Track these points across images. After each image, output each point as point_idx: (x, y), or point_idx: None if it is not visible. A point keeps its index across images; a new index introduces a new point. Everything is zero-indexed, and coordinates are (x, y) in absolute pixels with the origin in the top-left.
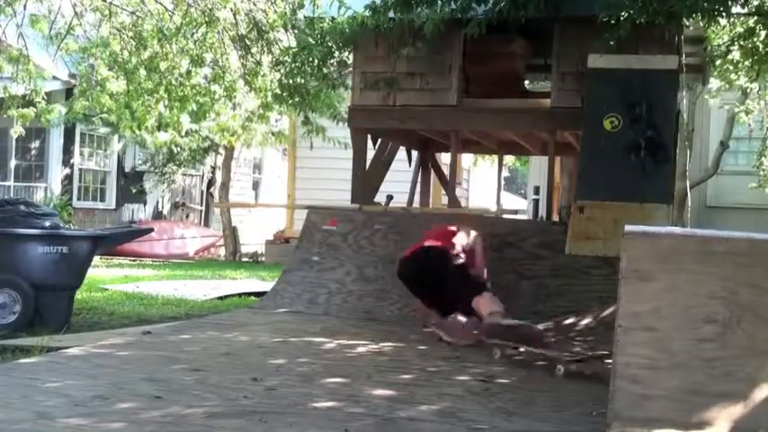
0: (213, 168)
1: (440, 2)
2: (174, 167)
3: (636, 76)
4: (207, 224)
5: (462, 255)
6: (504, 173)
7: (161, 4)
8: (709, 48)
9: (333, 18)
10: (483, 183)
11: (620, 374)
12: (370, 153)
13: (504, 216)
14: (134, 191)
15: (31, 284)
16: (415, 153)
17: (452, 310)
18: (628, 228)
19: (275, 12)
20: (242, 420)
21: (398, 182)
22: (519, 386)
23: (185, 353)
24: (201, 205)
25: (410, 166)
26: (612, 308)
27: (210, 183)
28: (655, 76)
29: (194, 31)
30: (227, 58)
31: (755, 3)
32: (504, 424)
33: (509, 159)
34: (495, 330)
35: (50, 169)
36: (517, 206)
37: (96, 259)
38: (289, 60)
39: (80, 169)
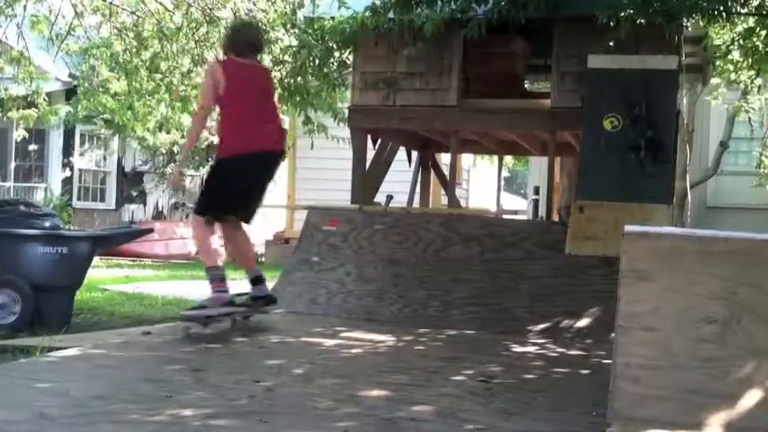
0: None
1: (440, 2)
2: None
3: (636, 76)
4: None
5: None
6: (504, 173)
7: (161, 4)
8: (709, 48)
9: (333, 18)
10: (483, 183)
11: (620, 374)
12: (370, 153)
13: (504, 216)
14: (134, 194)
15: (30, 285)
16: (414, 153)
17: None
18: (627, 228)
19: (275, 11)
20: (241, 421)
21: (398, 182)
22: (519, 386)
23: (185, 353)
24: None
25: (410, 166)
26: (612, 308)
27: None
28: (655, 76)
29: (195, 30)
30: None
31: (755, 3)
32: (504, 424)
33: (509, 160)
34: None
35: (50, 170)
36: (517, 206)
37: (96, 259)
38: (289, 60)
39: (80, 170)
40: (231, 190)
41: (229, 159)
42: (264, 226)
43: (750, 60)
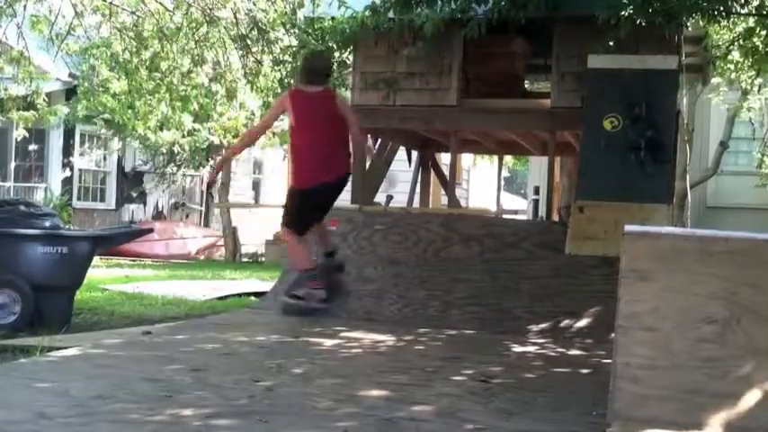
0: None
1: (440, 2)
2: (175, 168)
3: (636, 76)
4: (207, 224)
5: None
6: (504, 173)
7: (161, 4)
8: (709, 48)
9: (333, 18)
10: (483, 183)
11: (621, 374)
12: None
13: (504, 216)
14: (134, 194)
15: (30, 285)
16: (414, 153)
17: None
18: (627, 228)
19: (275, 11)
20: (241, 420)
21: (398, 182)
22: (519, 386)
23: (185, 353)
24: (201, 205)
25: (410, 166)
26: (612, 308)
27: (211, 183)
28: (655, 76)
29: (195, 30)
30: (228, 58)
31: (755, 3)
32: (503, 424)
33: (509, 160)
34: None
35: (50, 170)
36: (517, 206)
37: (96, 259)
38: (289, 60)
39: (80, 170)
40: (310, 213)
41: (304, 190)
42: (264, 226)
43: (750, 60)
